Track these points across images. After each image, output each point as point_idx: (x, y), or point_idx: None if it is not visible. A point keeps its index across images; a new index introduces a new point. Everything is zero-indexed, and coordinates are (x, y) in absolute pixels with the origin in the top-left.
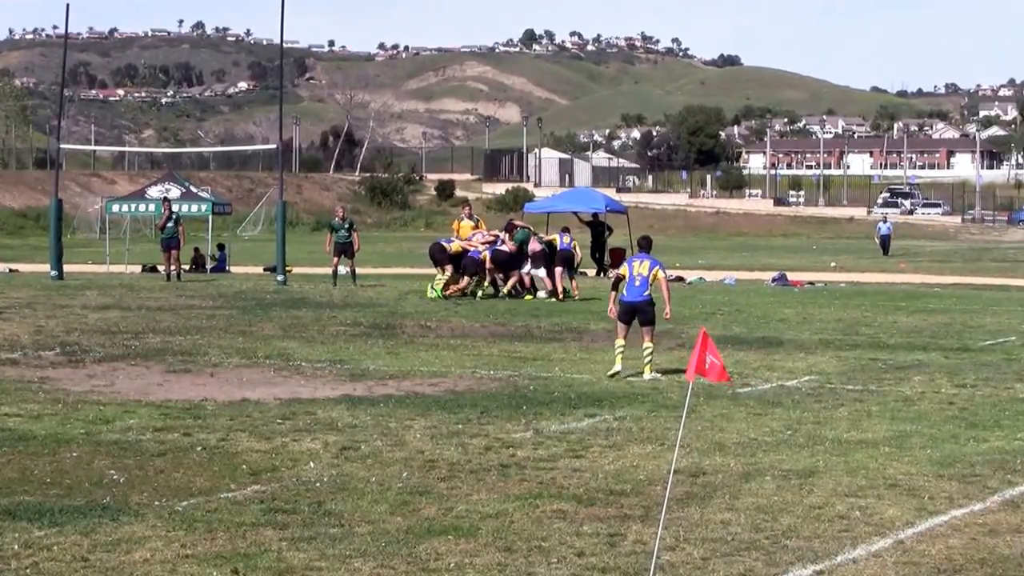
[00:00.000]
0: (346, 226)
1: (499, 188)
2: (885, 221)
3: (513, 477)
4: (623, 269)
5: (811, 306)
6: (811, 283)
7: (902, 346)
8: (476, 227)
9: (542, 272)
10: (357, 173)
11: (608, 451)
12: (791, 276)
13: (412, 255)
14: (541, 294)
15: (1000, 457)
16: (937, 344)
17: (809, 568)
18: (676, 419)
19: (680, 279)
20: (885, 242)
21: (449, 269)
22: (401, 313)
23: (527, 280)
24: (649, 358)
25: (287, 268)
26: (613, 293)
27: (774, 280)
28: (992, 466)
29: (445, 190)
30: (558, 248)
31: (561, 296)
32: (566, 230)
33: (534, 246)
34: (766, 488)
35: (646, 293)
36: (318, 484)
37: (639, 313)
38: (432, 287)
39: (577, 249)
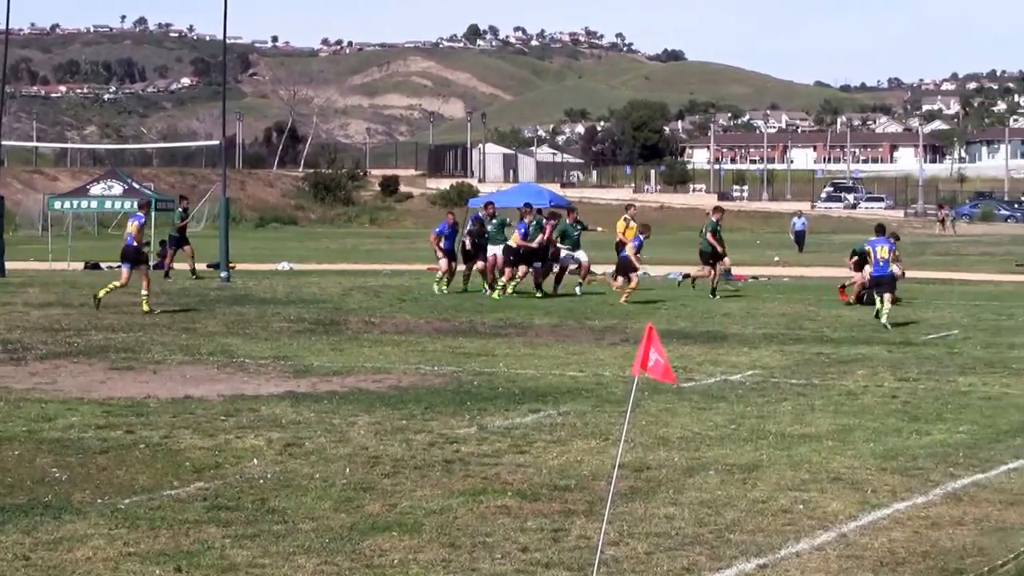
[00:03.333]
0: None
1: (443, 184)
2: (799, 216)
3: (457, 473)
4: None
5: (755, 301)
6: (754, 278)
7: (845, 340)
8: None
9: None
10: (301, 169)
11: (552, 446)
12: (735, 271)
13: (356, 251)
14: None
15: (942, 450)
16: (880, 338)
17: (753, 562)
18: (620, 414)
19: None
20: (800, 238)
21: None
22: (345, 309)
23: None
24: None
25: (230, 264)
26: None
27: (727, 276)
28: (934, 459)
29: (389, 186)
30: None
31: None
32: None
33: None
34: (710, 482)
35: None
36: (261, 481)
37: None
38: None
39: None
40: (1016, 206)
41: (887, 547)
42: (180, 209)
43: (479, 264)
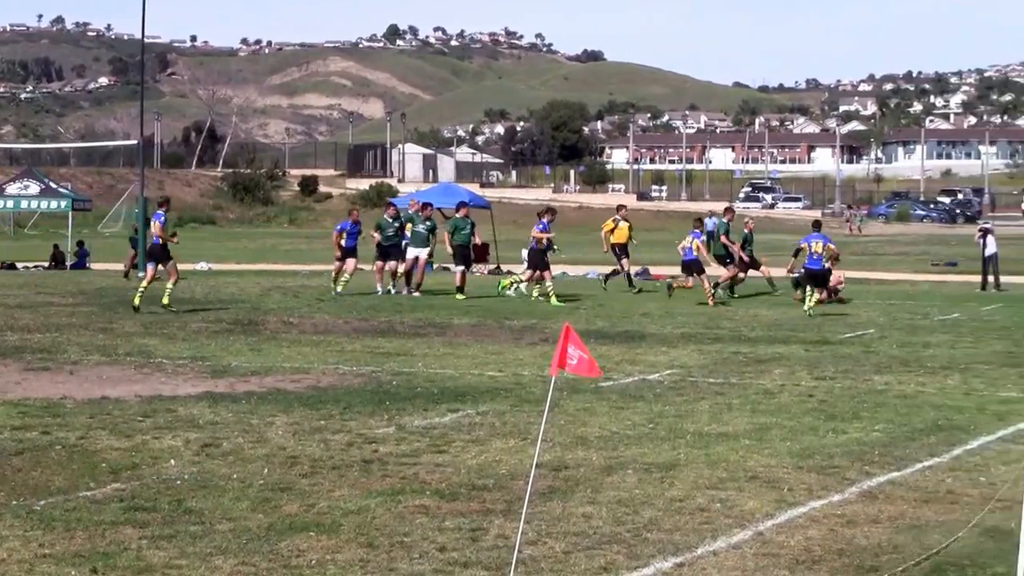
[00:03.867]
0: None
1: (363, 184)
2: (711, 217)
3: (375, 473)
4: None
5: (673, 300)
6: (673, 277)
7: (763, 339)
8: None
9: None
10: (219, 169)
11: (471, 446)
12: (653, 270)
13: (275, 251)
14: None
15: (858, 448)
16: (797, 337)
17: (670, 560)
18: (538, 413)
19: None
20: (710, 237)
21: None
22: (263, 309)
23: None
24: None
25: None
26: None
27: (637, 275)
28: (850, 457)
29: (308, 186)
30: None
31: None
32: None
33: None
34: (628, 481)
35: None
36: (179, 482)
37: None
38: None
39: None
40: (932, 206)
41: (803, 545)
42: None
43: (391, 264)
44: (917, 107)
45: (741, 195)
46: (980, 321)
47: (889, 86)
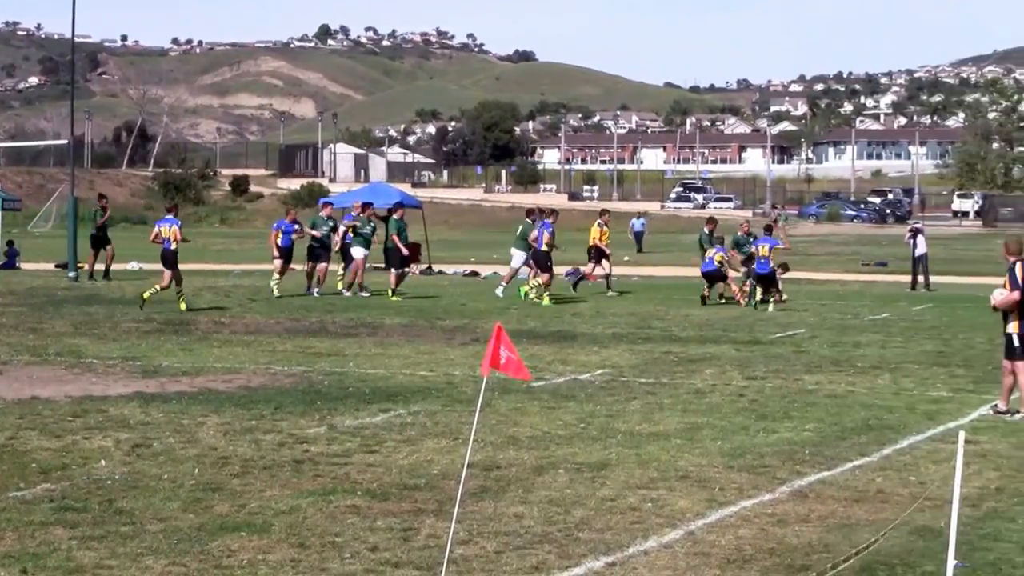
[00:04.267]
0: None
1: (294, 184)
2: (639, 217)
3: (307, 473)
4: None
5: (604, 300)
6: (605, 277)
7: (694, 339)
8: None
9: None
10: (150, 168)
11: (402, 446)
12: (585, 270)
13: (206, 251)
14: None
15: (789, 448)
16: (728, 337)
17: (601, 560)
18: (470, 413)
19: (475, 274)
20: (639, 238)
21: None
22: (195, 309)
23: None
24: None
25: (79, 264)
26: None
27: (568, 274)
28: (781, 457)
29: (240, 186)
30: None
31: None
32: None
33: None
34: (559, 481)
35: None
36: (109, 482)
37: None
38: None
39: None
40: (862, 206)
41: (734, 544)
42: (99, 208)
43: (322, 266)
44: (848, 107)
45: (672, 195)
46: (910, 321)
47: (820, 86)
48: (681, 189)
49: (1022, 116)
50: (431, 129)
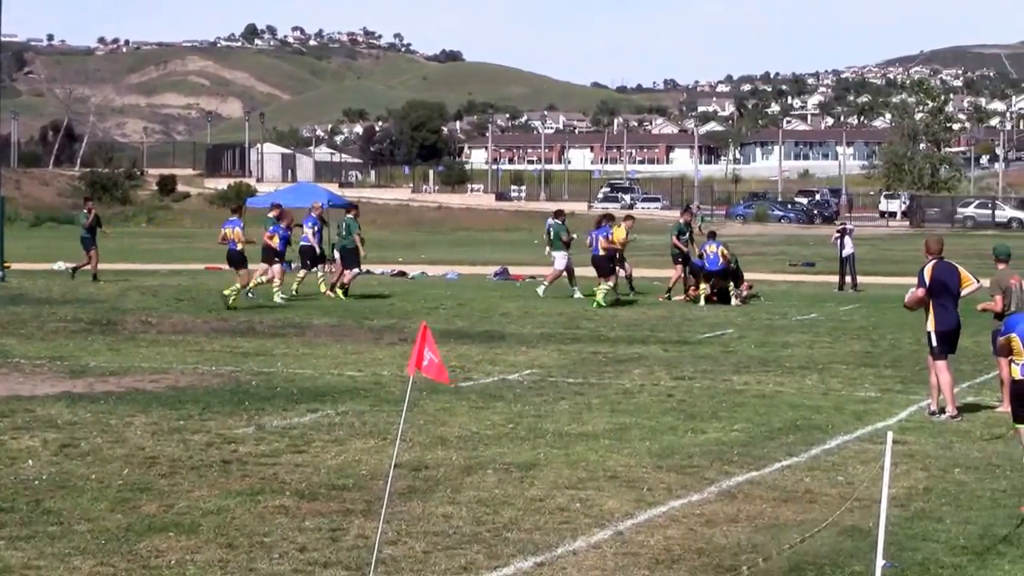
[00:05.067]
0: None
1: (221, 183)
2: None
3: (235, 473)
4: None
5: (533, 300)
6: (532, 277)
7: (622, 339)
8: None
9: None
10: (77, 168)
11: (330, 446)
12: (513, 270)
13: (133, 251)
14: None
15: (717, 448)
16: (656, 337)
17: (530, 560)
18: (398, 413)
19: (403, 274)
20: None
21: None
22: (122, 309)
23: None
24: None
25: (5, 264)
26: None
27: (496, 275)
28: (709, 457)
29: (167, 185)
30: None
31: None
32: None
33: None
34: (487, 481)
35: None
36: (37, 482)
37: None
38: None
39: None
40: (789, 207)
41: (663, 544)
42: (85, 211)
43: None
44: (775, 108)
45: (600, 195)
46: (838, 321)
47: (747, 87)
48: (608, 189)
49: (949, 117)
50: (358, 129)
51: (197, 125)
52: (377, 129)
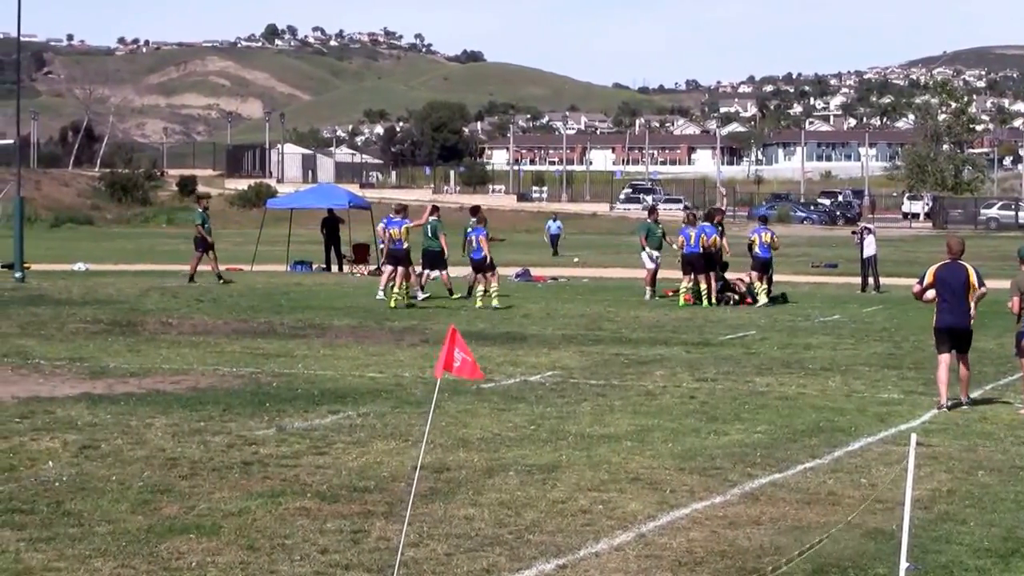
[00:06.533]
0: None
1: (241, 184)
2: (555, 220)
3: (256, 475)
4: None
5: (554, 301)
6: (554, 279)
7: (644, 341)
8: None
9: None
10: (97, 169)
11: (352, 448)
12: (534, 271)
13: (153, 252)
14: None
15: (740, 450)
16: (679, 339)
17: (552, 562)
18: (419, 415)
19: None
20: (554, 241)
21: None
22: (142, 310)
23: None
24: None
25: (25, 265)
26: None
27: (517, 276)
28: (732, 459)
29: (187, 186)
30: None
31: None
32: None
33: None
34: (509, 483)
35: None
36: (57, 484)
37: None
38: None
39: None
40: (812, 208)
41: (685, 547)
42: (200, 209)
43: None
44: (797, 109)
45: (622, 196)
46: (860, 323)
47: (769, 88)
48: (630, 190)
49: (971, 118)
50: (379, 129)
51: (217, 125)
52: (398, 130)
